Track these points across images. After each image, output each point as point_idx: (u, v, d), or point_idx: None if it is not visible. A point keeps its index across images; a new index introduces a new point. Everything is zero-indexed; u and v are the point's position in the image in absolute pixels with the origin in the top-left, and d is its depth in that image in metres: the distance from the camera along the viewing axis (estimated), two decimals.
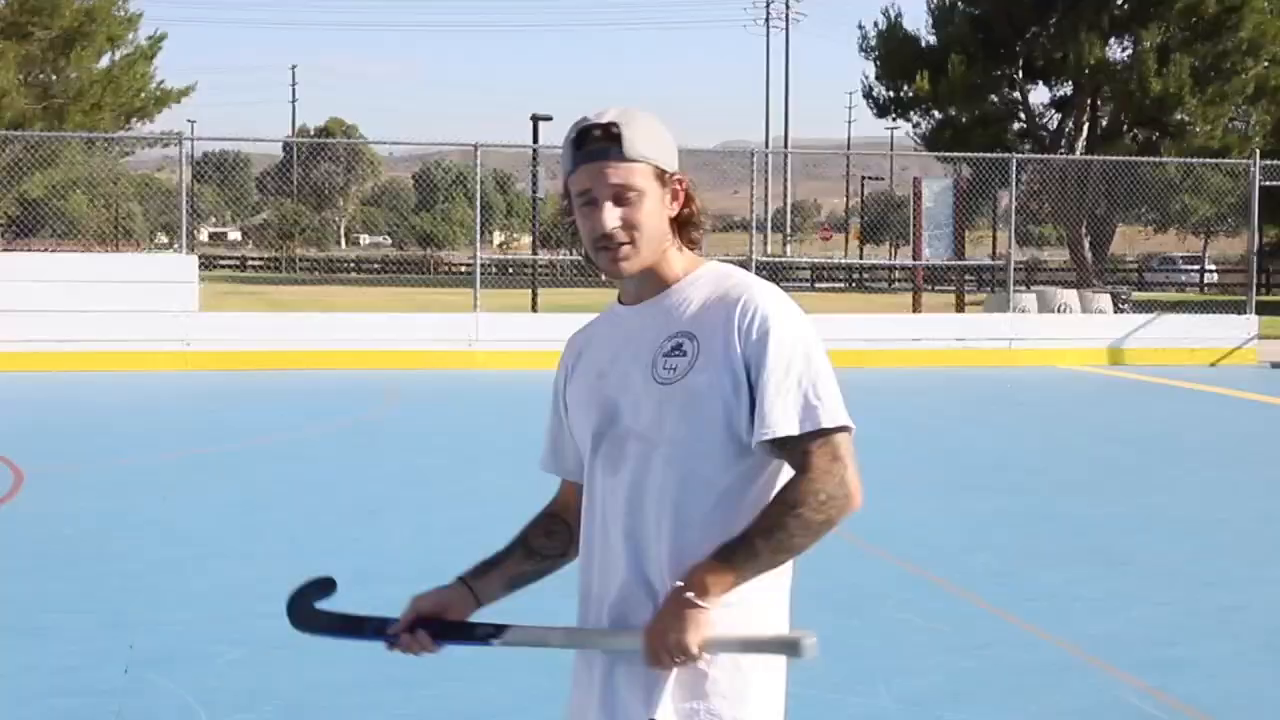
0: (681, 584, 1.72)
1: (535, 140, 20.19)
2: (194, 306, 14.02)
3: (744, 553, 1.72)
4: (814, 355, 1.80)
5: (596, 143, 1.80)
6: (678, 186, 1.86)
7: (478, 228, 15.84)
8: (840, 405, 1.79)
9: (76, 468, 8.20)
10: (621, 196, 1.80)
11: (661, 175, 1.83)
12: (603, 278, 1.92)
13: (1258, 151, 17.76)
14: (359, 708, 4.00)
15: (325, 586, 2.01)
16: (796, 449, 1.76)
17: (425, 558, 5.95)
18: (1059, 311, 17.24)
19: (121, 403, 11.60)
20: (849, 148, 75.68)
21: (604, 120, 1.81)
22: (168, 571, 5.62)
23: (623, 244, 1.81)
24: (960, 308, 20.16)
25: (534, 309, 18.67)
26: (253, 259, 57.28)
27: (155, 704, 4.01)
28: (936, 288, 26.86)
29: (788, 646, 1.78)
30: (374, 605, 2.06)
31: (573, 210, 1.87)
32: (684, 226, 1.88)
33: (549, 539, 2.00)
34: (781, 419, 1.75)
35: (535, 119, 20.29)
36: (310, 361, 13.90)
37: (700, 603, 1.71)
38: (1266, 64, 29.33)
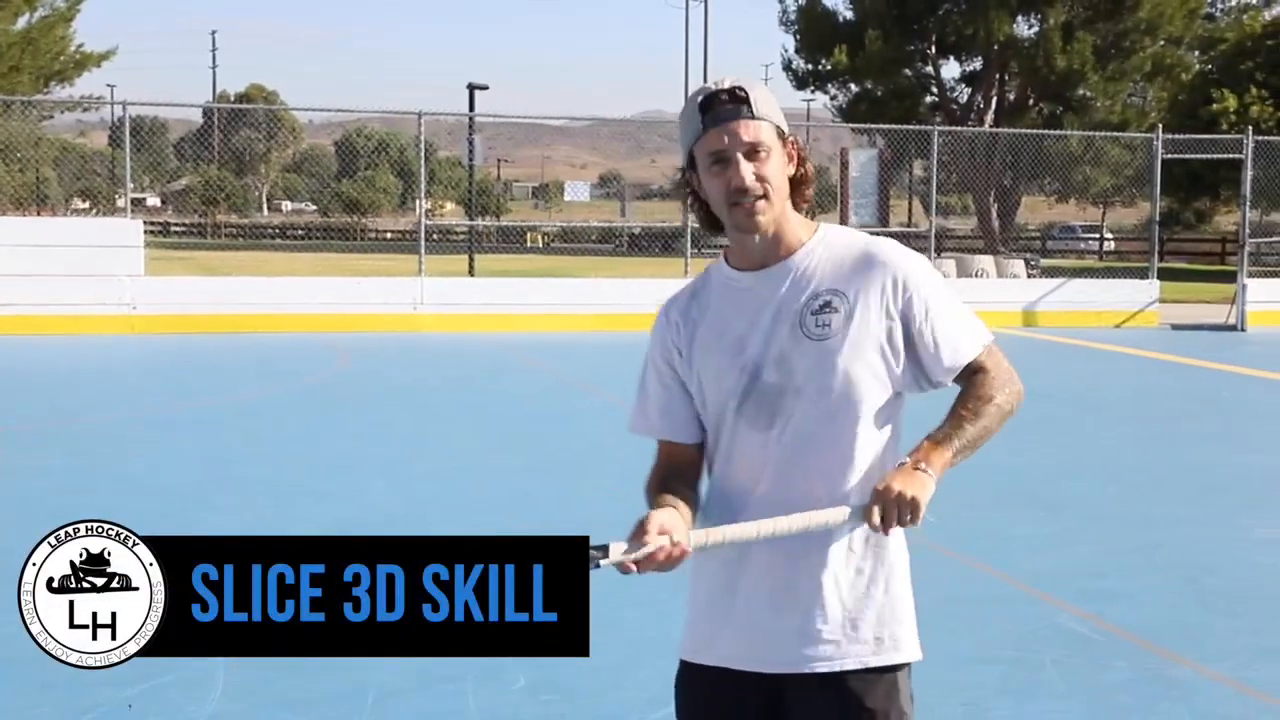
0: (909, 459, 1.85)
1: (471, 108, 20.07)
2: (140, 271, 13.85)
3: (958, 436, 1.88)
4: (953, 293, 1.97)
5: (725, 105, 1.87)
6: (793, 149, 1.93)
7: (421, 195, 15.72)
8: (982, 322, 1.98)
9: (45, 426, 8.15)
10: (754, 153, 1.86)
11: (782, 135, 1.91)
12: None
13: (1160, 126, 18.40)
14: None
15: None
16: (973, 364, 1.94)
17: (404, 506, 6.12)
18: (976, 276, 17.75)
19: (76, 365, 11.47)
20: None
21: (729, 85, 1.89)
22: (156, 523, 5.67)
23: (759, 198, 1.87)
24: None
25: (471, 273, 18.63)
26: (175, 225, 55.95)
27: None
28: None
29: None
30: None
31: (691, 180, 1.94)
32: (797, 187, 1.95)
33: (692, 491, 1.98)
34: (965, 347, 1.92)
35: (472, 87, 20.11)
36: (259, 325, 13.81)
37: (930, 471, 1.83)
38: (1163, 43, 30.31)
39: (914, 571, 2.04)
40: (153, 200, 78.28)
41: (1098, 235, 44.16)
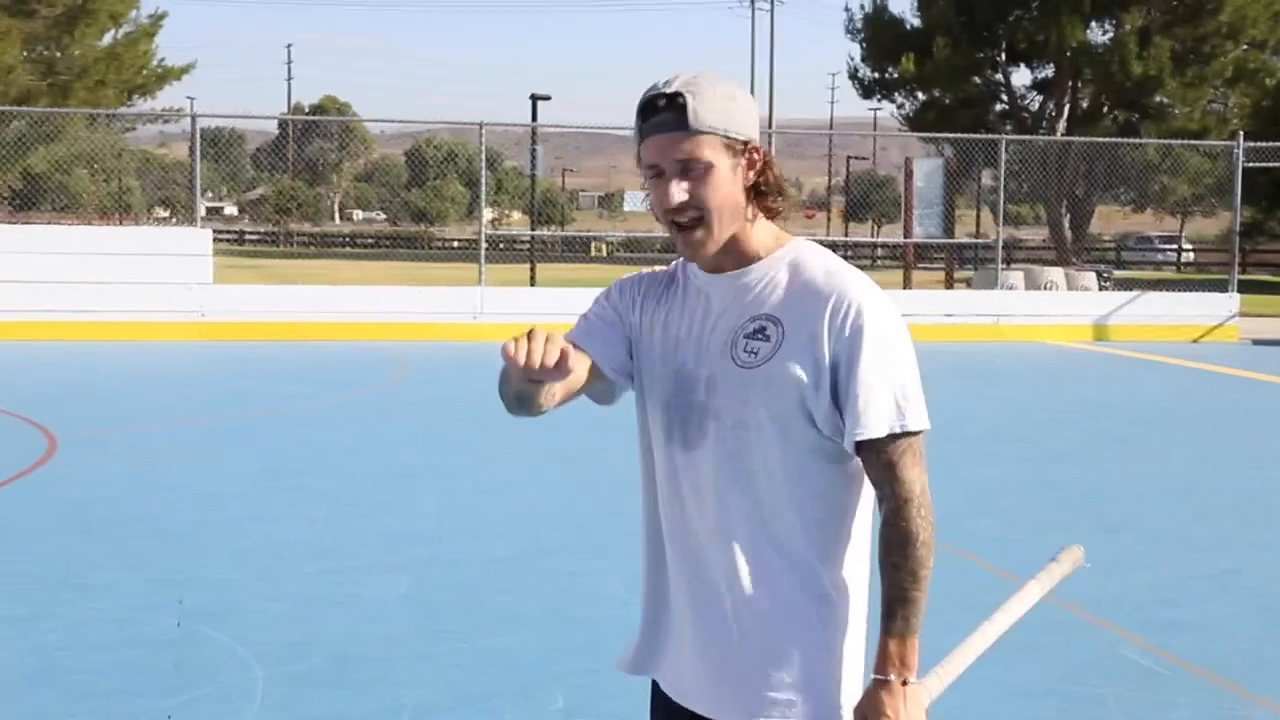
0: (882, 675, 1.71)
1: (534, 119, 20.12)
2: (209, 279, 14.03)
3: (911, 609, 1.74)
4: (903, 355, 1.72)
5: (661, 114, 1.67)
6: (754, 155, 1.72)
7: (483, 204, 15.77)
8: (923, 406, 1.74)
9: (105, 433, 8.26)
10: (688, 170, 1.68)
11: (732, 146, 1.70)
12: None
13: (1242, 134, 17.84)
14: (404, 658, 4.09)
15: None
16: (881, 447, 1.71)
17: (453, 519, 6.07)
18: (1045, 289, 17.29)
19: (142, 371, 11.63)
20: (831, 128, 75.58)
21: (669, 90, 1.67)
22: (206, 532, 5.70)
23: (693, 222, 1.70)
24: (950, 285, 20.14)
25: (532, 283, 18.64)
26: (250, 233, 57.11)
27: (210, 655, 4.10)
28: (920, 265, 26.99)
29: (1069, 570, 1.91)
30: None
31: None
32: (761, 195, 1.74)
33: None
34: (873, 421, 1.69)
35: (534, 98, 20.17)
36: (322, 333, 13.93)
37: (912, 679, 1.71)
38: (1245, 47, 29.49)
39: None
40: (230, 209, 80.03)
41: (1175, 246, 43.07)
